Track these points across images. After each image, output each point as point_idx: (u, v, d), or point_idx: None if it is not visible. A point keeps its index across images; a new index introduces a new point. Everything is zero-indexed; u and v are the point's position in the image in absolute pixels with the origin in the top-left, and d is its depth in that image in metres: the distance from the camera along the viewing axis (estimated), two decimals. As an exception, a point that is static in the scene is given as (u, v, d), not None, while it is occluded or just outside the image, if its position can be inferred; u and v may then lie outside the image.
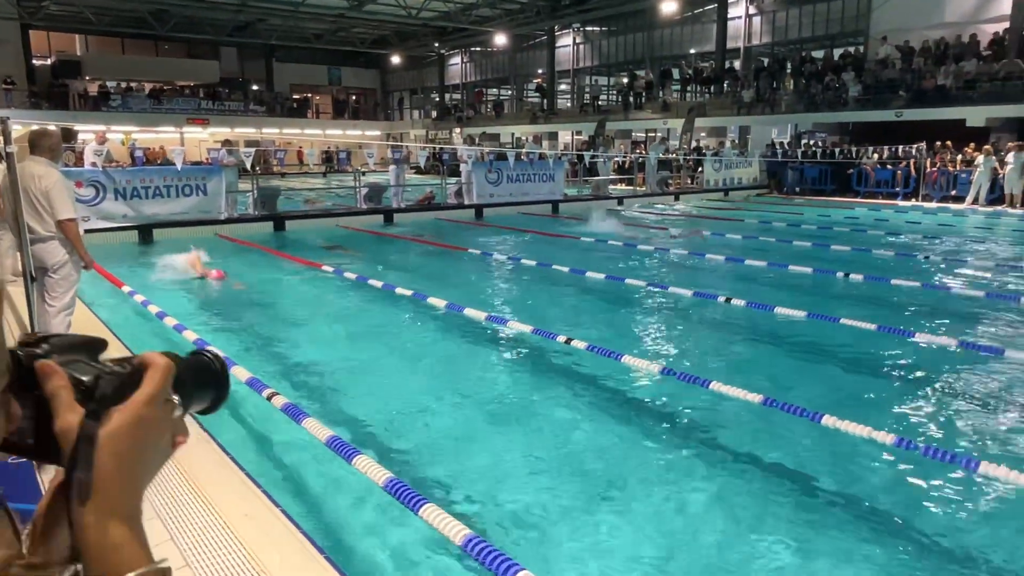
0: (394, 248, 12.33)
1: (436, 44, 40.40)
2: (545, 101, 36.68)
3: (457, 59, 44.33)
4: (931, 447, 3.77)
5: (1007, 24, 21.19)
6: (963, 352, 5.71)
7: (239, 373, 4.25)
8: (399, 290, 7.72)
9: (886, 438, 3.82)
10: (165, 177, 13.22)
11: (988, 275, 9.42)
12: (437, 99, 44.96)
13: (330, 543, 2.99)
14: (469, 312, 6.67)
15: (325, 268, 9.15)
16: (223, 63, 41.92)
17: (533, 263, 9.65)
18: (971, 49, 21.53)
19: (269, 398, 3.82)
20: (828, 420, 4.04)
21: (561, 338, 5.72)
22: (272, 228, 13.90)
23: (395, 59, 43.56)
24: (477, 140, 27.86)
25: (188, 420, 0.69)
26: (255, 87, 42.85)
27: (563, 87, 38.50)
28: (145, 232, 12.59)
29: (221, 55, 41.84)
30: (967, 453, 3.86)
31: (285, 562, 2.61)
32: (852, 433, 3.90)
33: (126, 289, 7.52)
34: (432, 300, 7.20)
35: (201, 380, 0.73)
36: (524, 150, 20.11)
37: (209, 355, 0.75)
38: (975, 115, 20.08)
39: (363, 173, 17.21)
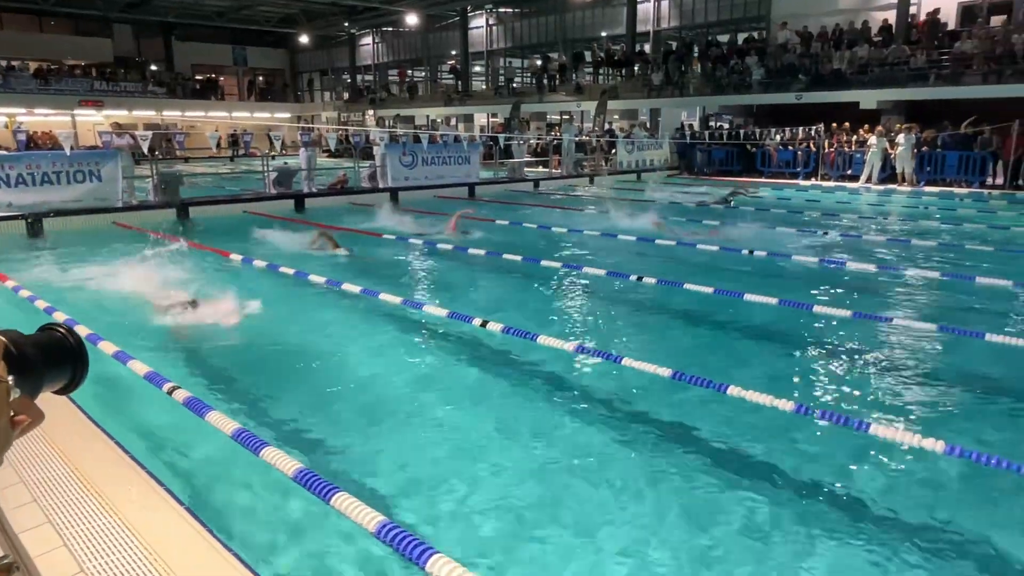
0: (305, 232, 11.98)
1: (346, 24, 39.36)
2: (459, 83, 36.38)
3: (368, 39, 43.33)
4: (827, 411, 3.97)
5: (894, 12, 22.42)
6: (856, 321, 6.05)
7: (136, 367, 4.04)
8: (312, 277, 7.53)
9: (786, 405, 4.01)
10: (54, 163, 12.38)
11: (880, 249, 10.00)
12: (349, 80, 43.88)
13: (240, 539, 2.90)
14: (384, 297, 6.58)
15: (233, 257, 8.81)
16: (117, 41, 39.46)
17: (449, 247, 9.60)
18: (863, 35, 22.69)
19: (170, 392, 3.65)
20: (733, 390, 4.21)
21: (477, 321, 5.71)
22: (175, 215, 13.27)
23: (304, 39, 42.15)
24: (391, 122, 27.38)
25: (81, 417, 0.64)
26: (154, 67, 40.60)
27: (477, 69, 38.26)
28: (34, 223, 11.78)
29: (114, 33, 39.37)
30: (860, 416, 4.09)
31: (191, 561, 2.51)
32: (755, 402, 4.07)
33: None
34: (347, 287, 7.06)
35: (53, 358, 0.67)
36: (439, 132, 19.92)
37: (62, 330, 0.70)
38: (868, 98, 21.20)
39: (272, 157, 16.65)
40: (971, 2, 21.92)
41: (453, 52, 37.93)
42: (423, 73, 40.45)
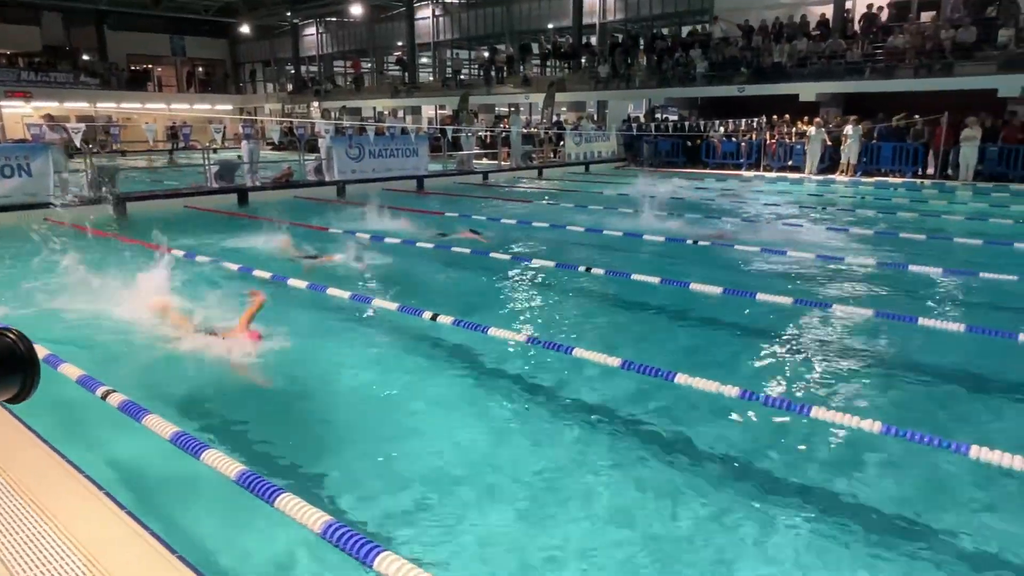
0: (251, 228, 11.71)
1: (288, 13, 38.51)
2: (406, 74, 36.00)
3: (312, 30, 42.49)
4: (770, 397, 4.07)
5: (831, 7, 23.05)
6: (798, 308, 6.22)
7: (69, 371, 3.88)
8: (257, 272, 7.36)
9: (732, 391, 4.09)
10: (-22, 157, 11.79)
11: (819, 238, 10.29)
12: (292, 71, 42.97)
13: (186, 544, 2.82)
14: (332, 292, 6.47)
15: (176, 253, 8.53)
16: (45, 30, 37.72)
17: (397, 241, 9.49)
18: (802, 29, 23.27)
19: (104, 396, 3.51)
20: (681, 378, 4.28)
21: (427, 314, 5.67)
22: (111, 210, 12.79)
23: (245, 29, 41.07)
24: (337, 114, 26.92)
25: (9, 419, 0.59)
26: (86, 57, 39.00)
27: (424, 60, 37.92)
28: (-42, 220, 11.20)
29: (43, 21, 37.63)
30: (801, 400, 4.21)
31: (133, 566, 2.43)
32: (703, 389, 4.14)
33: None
34: (293, 282, 6.92)
35: (1, 366, 0.62)
36: (386, 124, 19.69)
37: (11, 335, 0.64)
38: (807, 91, 21.77)
39: (215, 150, 16.19)
40: (903, -2, 22.70)
41: (399, 43, 37.49)
42: (369, 64, 39.89)
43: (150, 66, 41.66)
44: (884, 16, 22.48)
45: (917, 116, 19.26)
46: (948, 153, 18.38)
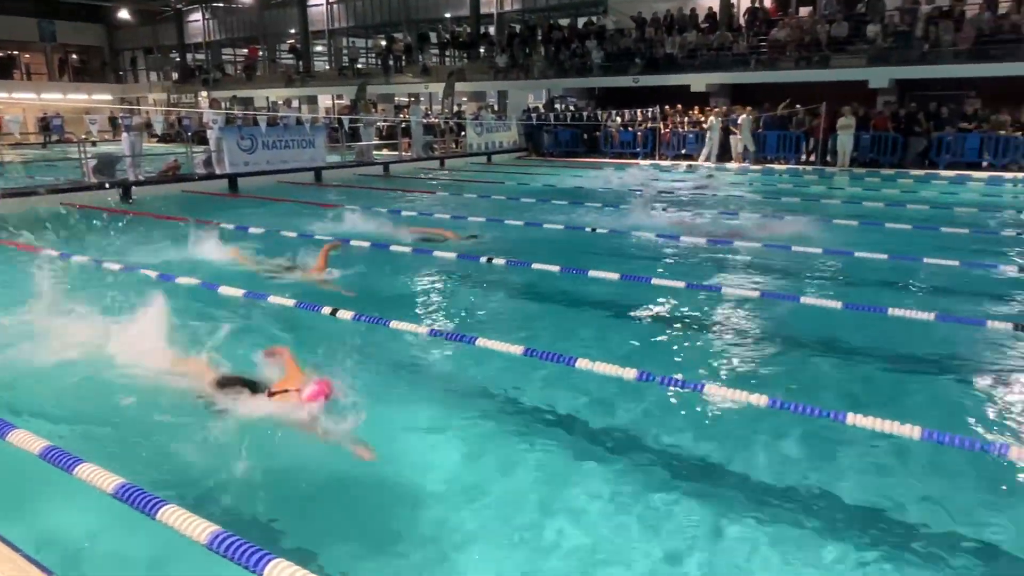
0: (132, 225, 11.04)
1: (171, -3, 36.55)
2: (300, 63, 34.87)
3: (198, 15, 40.43)
4: (665, 377, 4.20)
5: (718, 0, 23.98)
6: (690, 291, 6.45)
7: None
8: (144, 272, 6.95)
9: (630, 373, 4.19)
10: None
11: (712, 223, 10.71)
12: (178, 59, 40.78)
13: (63, 566, 2.62)
14: (223, 291, 6.19)
15: (49, 252, 7.92)
16: None
17: (293, 235, 9.19)
18: (692, 22, 24.10)
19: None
20: (582, 363, 4.35)
21: (327, 309, 5.52)
22: (-27, 209, 11.73)
23: (123, 13, 38.60)
24: (227, 104, 25.76)
25: None
26: (-61, 42, 35.69)
27: (319, 49, 36.86)
28: None
29: None
30: (694, 379, 4.36)
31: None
32: (603, 372, 4.23)
33: None
34: (182, 280, 6.58)
35: None
36: (279, 114, 19.01)
37: None
38: (698, 81, 22.60)
39: (93, 143, 15.16)
40: (783, -7, 23.89)
41: (292, 31, 36.25)
42: (261, 52, 38.37)
43: (15, 52, 38.51)
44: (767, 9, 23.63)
45: (799, 106, 20.37)
46: (827, 141, 19.53)
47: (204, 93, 35.53)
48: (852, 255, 7.78)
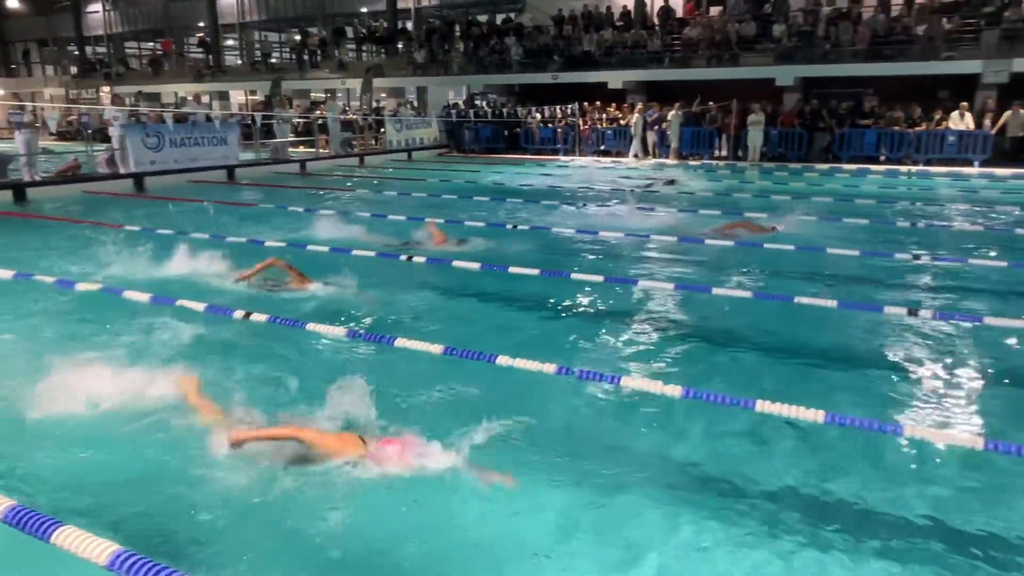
0: (28, 228, 10.40)
1: (67, -13, 34.52)
2: (210, 57, 33.60)
3: (97, 6, 38.35)
4: (583, 370, 4.25)
5: (633, -1, 24.52)
6: (608, 286, 6.56)
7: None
8: (39, 277, 6.55)
9: (550, 368, 4.23)
10: None
11: (629, 218, 10.92)
12: (77, 52, 38.57)
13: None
14: (129, 294, 5.90)
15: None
16: None
17: (205, 236, 8.84)
18: (608, 20, 24.52)
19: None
20: (503, 360, 4.36)
21: (239, 313, 5.34)
22: None
23: (13, 2, 36.20)
24: (132, 100, 24.56)
25: None
26: None
27: (231, 43, 35.60)
28: None
29: None
30: (612, 372, 4.43)
31: None
32: (524, 368, 4.25)
33: None
34: (82, 286, 6.24)
35: None
36: (188, 111, 18.26)
37: None
38: (615, 78, 23.01)
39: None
40: (695, -7, 24.59)
41: (201, 23, 34.86)
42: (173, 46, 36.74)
43: None
44: (680, 10, 24.29)
45: (711, 103, 21.02)
46: (738, 137, 20.23)
47: (106, 88, 33.75)
48: (762, 247, 8.09)
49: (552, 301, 6.33)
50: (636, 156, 21.12)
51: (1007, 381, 4.63)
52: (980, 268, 7.47)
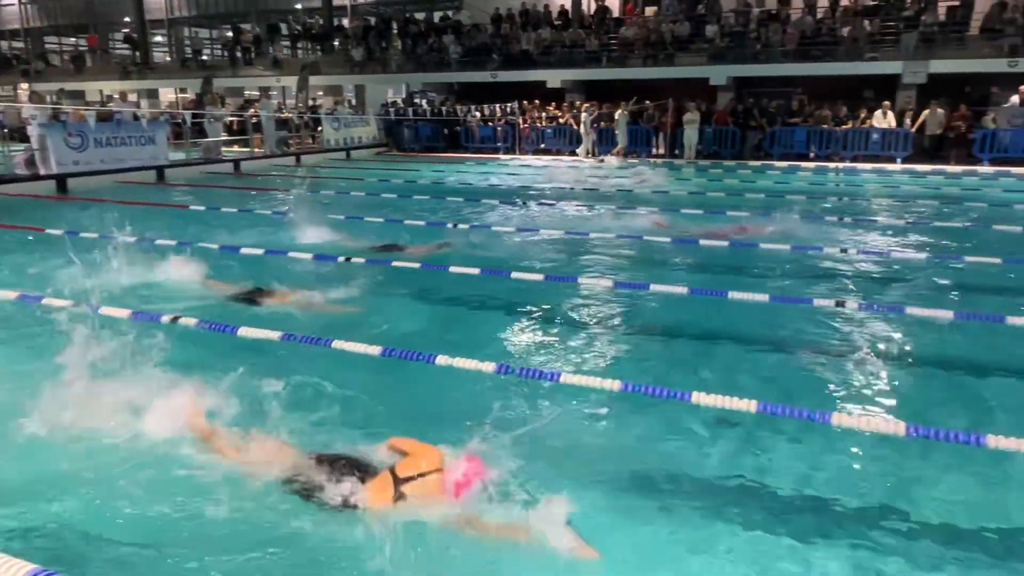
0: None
1: (-21, -22, 32.77)
2: (137, 54, 32.39)
3: (13, -1, 36.59)
4: (524, 368, 4.26)
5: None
6: (548, 284, 6.58)
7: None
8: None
9: (489, 367, 4.22)
10: None
11: (568, 216, 11.00)
12: (-10, 47, 36.69)
13: None
14: (48, 302, 5.63)
15: None
16: None
17: (132, 239, 8.50)
18: (546, 19, 24.64)
19: None
20: (441, 359, 4.33)
21: (166, 318, 5.16)
22: None
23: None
24: (53, 98, 23.50)
25: None
26: None
27: (159, 39, 34.41)
28: None
29: None
30: (552, 369, 4.45)
31: None
32: (464, 368, 4.23)
33: None
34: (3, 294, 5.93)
35: None
36: (113, 109, 17.55)
37: None
38: (553, 77, 23.16)
39: None
40: (629, -7, 24.96)
41: (127, 19, 33.58)
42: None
43: None
44: (616, 10, 24.61)
45: (648, 102, 21.36)
46: (674, 135, 20.61)
47: (24, 86, 32.17)
48: (697, 243, 8.25)
49: (490, 300, 6.32)
50: (589, 154, 21.19)
51: (928, 368, 4.84)
52: (903, 260, 7.80)
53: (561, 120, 22.32)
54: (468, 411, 4.07)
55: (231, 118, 22.77)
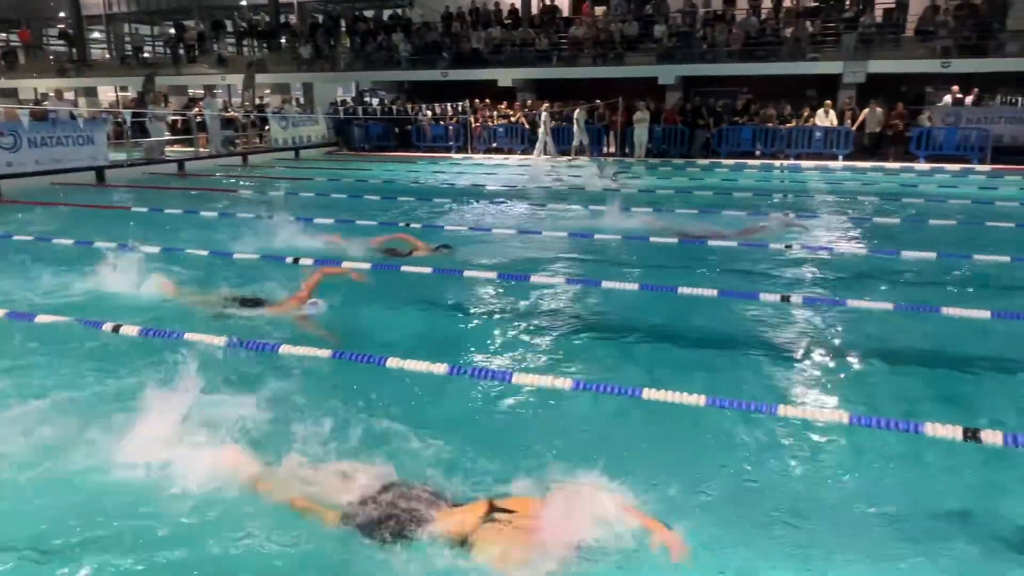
0: None
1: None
2: (74, 51, 31.27)
3: (-65, -8, 34.86)
4: (476, 368, 4.25)
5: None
6: (503, 283, 6.58)
7: None
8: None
9: (441, 368, 4.20)
10: None
11: (521, 215, 11.02)
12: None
13: None
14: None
15: None
16: None
17: (70, 242, 8.22)
18: (496, 17, 24.64)
19: None
20: (392, 362, 4.28)
21: (108, 326, 5.00)
22: None
23: None
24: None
25: None
26: None
27: (97, 35, 33.29)
28: None
29: None
30: (503, 369, 4.45)
31: None
32: (418, 371, 4.20)
33: None
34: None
35: None
36: (47, 108, 16.92)
37: None
38: (504, 76, 23.17)
39: None
40: (580, -7, 25.12)
41: (62, 14, 32.38)
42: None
43: None
44: (566, 9, 24.76)
45: (598, 100, 21.53)
46: (625, 134, 20.83)
47: (-47, 83, 30.79)
48: (647, 240, 8.36)
49: (443, 300, 6.29)
50: (549, 154, 21.10)
51: (870, 359, 4.98)
52: (846, 254, 8.03)
53: (513, 119, 22.32)
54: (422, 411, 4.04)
55: (174, 117, 22.17)
